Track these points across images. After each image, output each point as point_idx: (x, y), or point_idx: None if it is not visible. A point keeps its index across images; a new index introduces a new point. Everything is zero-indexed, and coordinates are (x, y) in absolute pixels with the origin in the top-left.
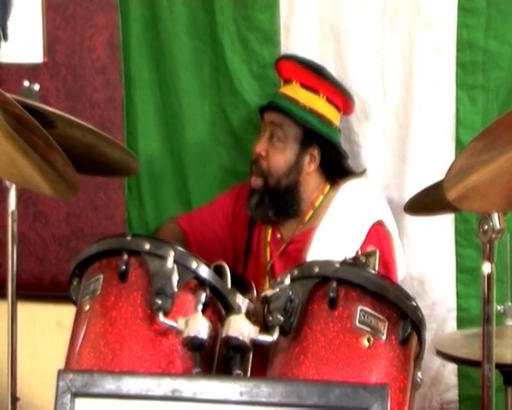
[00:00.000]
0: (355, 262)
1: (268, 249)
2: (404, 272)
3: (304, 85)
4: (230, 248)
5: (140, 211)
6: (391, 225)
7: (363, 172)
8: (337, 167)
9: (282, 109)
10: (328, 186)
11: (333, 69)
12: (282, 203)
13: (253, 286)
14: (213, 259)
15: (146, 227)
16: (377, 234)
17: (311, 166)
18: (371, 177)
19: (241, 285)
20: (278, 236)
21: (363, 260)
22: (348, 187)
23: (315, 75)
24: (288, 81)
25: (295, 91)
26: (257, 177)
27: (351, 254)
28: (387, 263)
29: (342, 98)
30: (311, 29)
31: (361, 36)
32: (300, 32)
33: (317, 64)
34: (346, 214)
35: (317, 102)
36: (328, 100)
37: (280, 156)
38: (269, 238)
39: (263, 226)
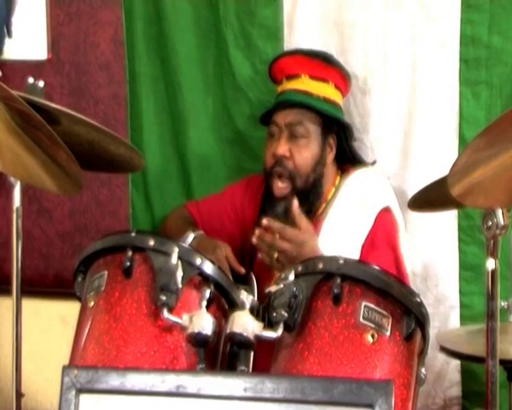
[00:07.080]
0: None
1: None
2: (409, 265)
3: (313, 77)
4: (239, 241)
5: (145, 206)
6: (398, 214)
7: (373, 163)
8: (350, 154)
9: (301, 104)
10: (338, 178)
11: None
12: (309, 203)
13: (253, 278)
14: None
15: (151, 223)
16: (384, 220)
17: (329, 156)
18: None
19: (242, 277)
20: None
21: None
22: (356, 176)
23: (324, 65)
24: (293, 76)
25: (306, 84)
26: (282, 182)
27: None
28: (394, 248)
29: (346, 82)
30: (314, 24)
31: (364, 31)
32: (303, 28)
33: (324, 53)
34: (354, 202)
35: (328, 91)
36: (336, 86)
37: (306, 153)
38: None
39: None
